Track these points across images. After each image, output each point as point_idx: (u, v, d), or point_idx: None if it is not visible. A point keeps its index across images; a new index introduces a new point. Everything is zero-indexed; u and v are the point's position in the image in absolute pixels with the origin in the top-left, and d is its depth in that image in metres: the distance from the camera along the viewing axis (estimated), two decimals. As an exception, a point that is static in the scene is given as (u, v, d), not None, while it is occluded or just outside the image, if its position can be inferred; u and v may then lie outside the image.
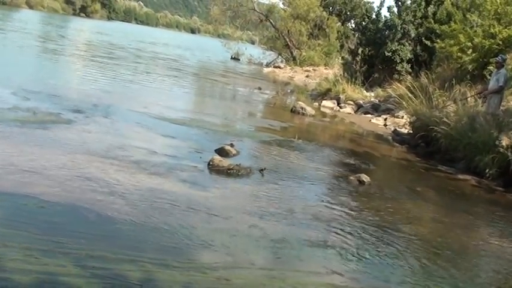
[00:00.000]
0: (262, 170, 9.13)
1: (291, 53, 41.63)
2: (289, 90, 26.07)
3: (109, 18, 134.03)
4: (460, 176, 11.87)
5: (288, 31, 41.69)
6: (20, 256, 4.98)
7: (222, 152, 9.81)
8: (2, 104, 10.94)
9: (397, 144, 15.30)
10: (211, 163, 8.89)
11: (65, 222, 5.92)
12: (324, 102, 21.57)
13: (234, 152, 10.00)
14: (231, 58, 42.84)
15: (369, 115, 19.83)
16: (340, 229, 7.18)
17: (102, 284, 4.73)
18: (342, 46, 29.20)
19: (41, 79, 15.24)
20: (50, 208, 6.20)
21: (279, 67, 39.05)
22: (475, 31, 18.66)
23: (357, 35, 26.46)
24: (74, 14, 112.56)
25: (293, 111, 17.72)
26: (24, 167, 7.36)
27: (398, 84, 20.03)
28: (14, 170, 7.20)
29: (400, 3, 24.69)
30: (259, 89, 23.29)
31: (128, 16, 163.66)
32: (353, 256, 6.35)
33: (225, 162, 9.01)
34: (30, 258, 4.97)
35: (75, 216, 6.14)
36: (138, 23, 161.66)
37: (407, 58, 23.41)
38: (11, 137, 8.63)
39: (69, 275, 4.81)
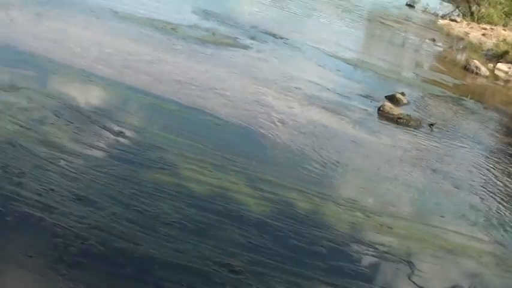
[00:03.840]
0: (432, 124, 8.86)
1: (470, 7, 39.51)
2: (462, 46, 24.90)
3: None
4: None
5: (470, -17, 39.55)
6: (195, 167, 5.22)
7: (393, 99, 9.61)
8: (184, 21, 11.31)
9: None
10: (381, 109, 8.75)
11: (238, 142, 6.13)
12: (500, 65, 20.38)
13: (405, 101, 9.77)
14: (406, 5, 41.37)
15: (547, 85, 18.57)
16: (505, 198, 6.86)
17: (270, 207, 4.87)
18: (526, 7, 27.32)
19: (221, 2, 15.57)
20: (225, 126, 6.44)
21: (455, 20, 37.19)
22: None
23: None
24: None
25: (466, 68, 16.91)
26: (202, 85, 7.64)
27: None
28: (192, 85, 7.51)
29: None
30: (433, 40, 22.40)
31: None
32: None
33: (396, 110, 8.83)
34: (204, 170, 5.21)
35: (248, 139, 6.33)
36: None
37: None
38: (193, 55, 8.97)
39: (240, 192, 4.99)
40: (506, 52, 22.17)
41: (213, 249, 4.12)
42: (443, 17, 40.01)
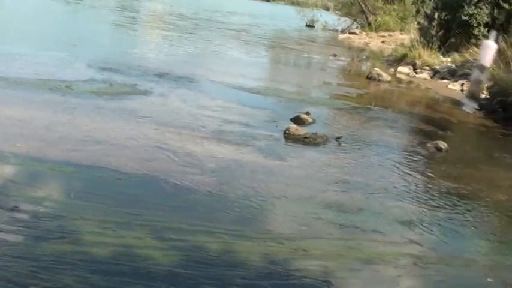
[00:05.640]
0: (338, 138, 8.92)
1: (366, 18, 40.71)
2: (364, 57, 25.53)
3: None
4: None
5: (363, -4, 40.74)
6: (96, 229, 5.00)
7: (298, 120, 9.65)
8: (78, 75, 11.10)
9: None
10: (287, 132, 8.76)
11: (141, 194, 5.93)
12: (400, 68, 21.00)
13: (310, 120, 9.83)
14: (306, 25, 42.25)
15: (446, 80, 19.20)
16: (418, 198, 6.96)
17: (179, 256, 4.70)
18: (417, 11, 28.21)
19: (113, 50, 15.39)
20: (126, 180, 6.23)
21: (354, 33, 38.26)
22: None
23: (432, -1, 25.53)
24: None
25: (369, 77, 17.32)
26: (101, 139, 7.44)
27: (476, 49, 19.25)
28: (90, 142, 7.29)
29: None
30: (334, 55, 22.89)
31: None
32: (431, 225, 6.15)
33: (301, 130, 8.86)
34: (107, 230, 4.99)
35: (152, 188, 6.15)
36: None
37: (484, 22, 22.48)
38: (88, 110, 8.74)
39: (146, 247, 4.80)
40: (405, 55, 22.91)
41: (122, 313, 3.93)
42: (342, 31, 41.04)
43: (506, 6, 21.24)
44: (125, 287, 4.21)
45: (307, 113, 10.09)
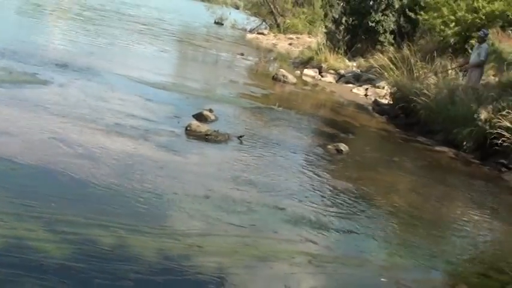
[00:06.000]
0: (240, 136, 9.03)
1: (275, 19, 41.18)
2: (271, 58, 25.84)
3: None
4: (438, 148, 11.85)
5: (273, -3, 41.19)
6: (-13, 219, 4.87)
7: (200, 117, 9.68)
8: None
9: (377, 115, 15.24)
10: (188, 128, 8.77)
11: (36, 185, 5.80)
12: (306, 71, 21.40)
13: (212, 117, 9.88)
14: (215, 23, 42.32)
15: (350, 85, 19.77)
16: (316, 198, 7.15)
17: (71, 249, 4.64)
18: (326, 15, 28.82)
19: (16, 38, 14.89)
20: (21, 170, 6.07)
21: (262, 33, 38.62)
22: (459, 5, 18.63)
23: (341, 4, 26.16)
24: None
25: (275, 78, 17.56)
26: (-4, 128, 7.21)
27: (381, 55, 19.89)
28: (-15, 130, 7.06)
29: (384, -28, 24.44)
30: (242, 55, 23.05)
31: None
32: (328, 225, 6.32)
33: (203, 127, 8.89)
34: (-2, 222, 4.86)
35: (47, 180, 6.03)
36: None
37: (391, 29, 23.30)
38: (-16, 97, 8.45)
39: (39, 239, 4.71)
40: (311, 58, 23.36)
41: (9, 305, 3.85)
42: (251, 31, 41.33)
43: (412, 15, 22.09)
44: (15, 279, 4.12)
45: (210, 110, 10.14)
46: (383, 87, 18.23)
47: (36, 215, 5.09)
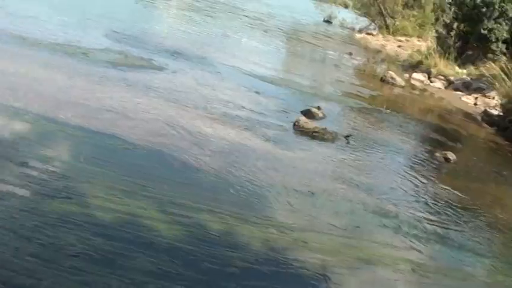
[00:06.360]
0: (347, 136, 8.93)
1: (385, 21, 40.49)
2: (380, 59, 25.44)
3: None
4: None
5: (383, -2, 40.57)
6: (103, 194, 5.06)
7: (308, 113, 9.64)
8: (95, 44, 11.11)
9: (486, 125, 14.67)
10: (296, 124, 8.77)
11: (148, 166, 5.97)
12: (415, 75, 20.90)
13: (320, 114, 9.82)
14: (324, 21, 42.06)
15: (459, 92, 19.15)
16: (422, 205, 6.98)
17: (181, 231, 4.75)
18: (436, 19, 28.05)
19: (134, 24, 15.37)
20: (135, 150, 6.28)
21: (371, 34, 38.04)
22: None
23: (453, 9, 25.40)
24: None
25: (383, 80, 17.26)
26: (112, 108, 7.48)
27: (492, 64, 19.20)
28: (102, 109, 7.34)
29: (500, -20, 23.53)
30: (350, 54, 22.79)
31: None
32: (431, 234, 6.17)
33: (311, 124, 8.86)
34: (113, 197, 5.04)
35: (159, 161, 6.19)
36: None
37: (503, 38, 22.41)
38: (102, 78, 8.77)
39: (150, 218, 4.85)
40: (420, 62, 22.84)
41: (121, 279, 3.97)
42: (360, 31, 40.84)
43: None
44: (127, 254, 4.26)
45: (318, 108, 10.09)
46: (493, 98, 17.56)
47: (148, 195, 5.24)
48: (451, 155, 9.41)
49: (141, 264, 4.19)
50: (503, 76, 15.93)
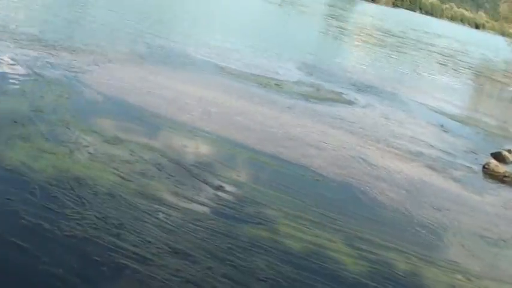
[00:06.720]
0: (542, 184, 8.42)
1: None
2: None
3: (394, 5, 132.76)
4: None
5: None
6: (292, 223, 5.19)
7: (498, 156, 9.25)
8: (287, 77, 11.48)
9: None
10: (486, 167, 8.44)
11: (337, 199, 6.04)
12: None
13: (511, 158, 9.37)
14: (515, 59, 40.21)
15: None
16: None
17: (367, 267, 4.75)
18: None
19: (324, 57, 15.70)
20: (324, 182, 6.38)
21: None
22: None
23: None
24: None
25: None
26: (304, 138, 7.68)
27: None
28: (294, 140, 7.57)
29: None
30: (544, 95, 21.55)
31: (413, 5, 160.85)
32: None
33: (501, 168, 8.49)
34: (302, 227, 5.15)
35: (347, 195, 6.24)
36: (422, 13, 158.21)
37: None
38: (296, 110, 9.06)
39: (337, 251, 4.89)
40: None
41: (306, 308, 4.05)
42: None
43: None
44: (312, 283, 4.33)
45: (510, 151, 9.63)
46: None
47: (337, 228, 5.30)
48: None
49: (326, 296, 4.25)
50: None
